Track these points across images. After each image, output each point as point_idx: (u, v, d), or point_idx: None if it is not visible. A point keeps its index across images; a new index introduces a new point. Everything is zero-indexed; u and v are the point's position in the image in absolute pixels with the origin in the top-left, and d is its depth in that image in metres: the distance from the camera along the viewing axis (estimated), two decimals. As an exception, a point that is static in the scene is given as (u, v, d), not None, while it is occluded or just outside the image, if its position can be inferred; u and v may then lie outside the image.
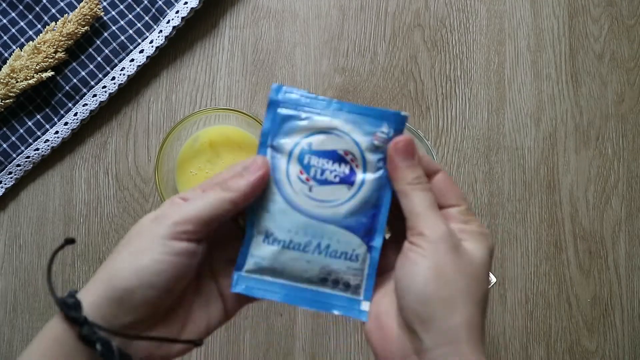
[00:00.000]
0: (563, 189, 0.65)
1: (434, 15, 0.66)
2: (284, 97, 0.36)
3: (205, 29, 0.66)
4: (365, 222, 0.35)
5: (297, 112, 0.35)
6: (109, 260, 0.33)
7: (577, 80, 0.66)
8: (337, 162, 0.35)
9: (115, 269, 0.32)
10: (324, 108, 0.35)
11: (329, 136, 0.35)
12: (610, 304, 0.64)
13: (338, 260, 0.35)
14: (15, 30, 0.65)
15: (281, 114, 0.36)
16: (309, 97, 0.35)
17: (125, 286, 0.31)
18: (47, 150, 0.65)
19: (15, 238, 0.65)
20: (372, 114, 0.35)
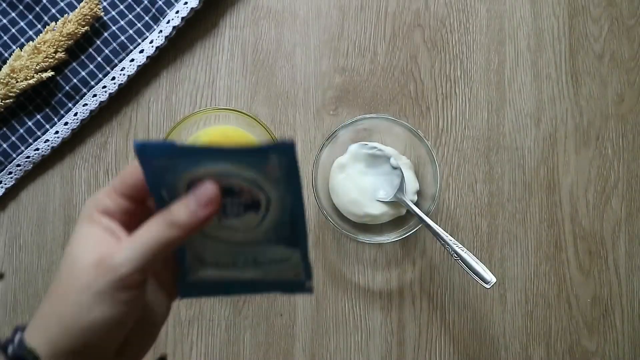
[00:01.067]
0: (563, 189, 0.65)
1: (434, 15, 0.66)
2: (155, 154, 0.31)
3: (205, 29, 0.66)
4: (285, 233, 0.34)
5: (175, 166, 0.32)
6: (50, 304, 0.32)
7: (577, 81, 0.66)
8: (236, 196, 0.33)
9: (65, 322, 0.31)
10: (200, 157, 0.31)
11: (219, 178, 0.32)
12: (610, 304, 0.64)
13: (269, 266, 0.35)
14: (15, 30, 0.65)
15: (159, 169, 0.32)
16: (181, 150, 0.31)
17: (83, 342, 0.31)
18: (47, 150, 0.65)
19: (15, 238, 0.65)
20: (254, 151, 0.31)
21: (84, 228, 0.33)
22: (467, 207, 0.65)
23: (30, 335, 0.31)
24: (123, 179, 0.33)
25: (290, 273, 0.36)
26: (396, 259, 0.64)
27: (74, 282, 0.31)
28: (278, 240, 0.35)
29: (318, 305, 0.64)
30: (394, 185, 0.61)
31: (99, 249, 0.31)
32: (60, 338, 0.31)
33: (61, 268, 0.32)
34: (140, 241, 0.31)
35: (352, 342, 0.64)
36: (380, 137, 0.64)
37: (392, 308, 0.64)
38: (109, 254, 0.31)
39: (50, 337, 0.31)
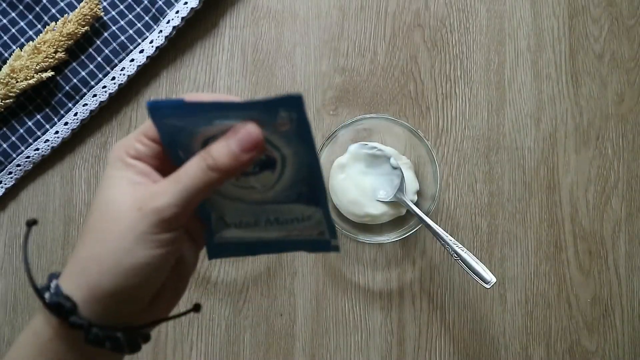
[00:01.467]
0: (563, 189, 0.65)
1: (434, 15, 0.66)
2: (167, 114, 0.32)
3: (205, 29, 0.66)
4: (304, 190, 0.34)
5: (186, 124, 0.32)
6: (87, 248, 0.31)
7: (577, 81, 0.66)
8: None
9: (107, 265, 0.30)
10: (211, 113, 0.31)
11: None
12: (610, 304, 0.64)
13: (292, 225, 0.35)
14: (15, 30, 0.65)
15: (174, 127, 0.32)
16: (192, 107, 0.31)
17: (124, 285, 0.30)
18: (47, 150, 0.65)
19: (15, 238, 0.65)
20: (263, 105, 0.30)
21: (117, 172, 0.32)
22: (467, 207, 0.65)
23: (66, 281, 0.31)
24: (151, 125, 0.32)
25: (314, 231, 0.35)
26: (396, 259, 0.64)
27: (114, 226, 0.30)
28: (298, 199, 0.34)
29: (318, 305, 0.64)
30: (394, 185, 0.61)
31: (137, 192, 0.31)
32: (99, 282, 0.30)
33: (94, 213, 0.31)
34: (181, 183, 0.30)
35: (352, 342, 0.64)
36: (380, 137, 0.64)
37: (392, 308, 0.64)
38: (149, 196, 0.30)
39: (88, 281, 0.30)
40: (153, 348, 0.64)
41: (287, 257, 0.64)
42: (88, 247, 0.31)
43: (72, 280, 0.31)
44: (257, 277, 0.64)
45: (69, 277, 0.31)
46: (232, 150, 0.30)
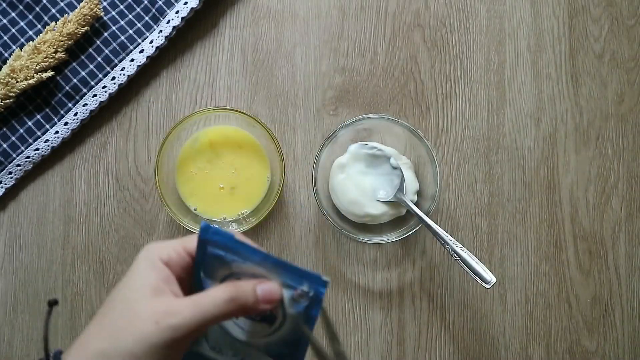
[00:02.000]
0: (563, 189, 0.65)
1: (434, 15, 0.66)
2: (213, 238, 0.36)
3: (205, 29, 0.66)
4: (285, 353, 0.37)
5: (224, 254, 0.36)
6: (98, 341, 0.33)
7: (577, 81, 0.66)
8: None
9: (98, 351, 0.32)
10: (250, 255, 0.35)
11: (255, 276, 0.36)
12: (610, 304, 0.64)
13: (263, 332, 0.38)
14: (15, 30, 0.65)
15: (210, 252, 0.36)
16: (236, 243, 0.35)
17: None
18: (47, 150, 0.65)
19: (15, 238, 0.65)
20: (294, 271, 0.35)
21: (144, 271, 0.34)
22: (467, 207, 0.65)
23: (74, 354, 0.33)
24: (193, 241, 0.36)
25: None
26: (396, 259, 0.64)
27: (128, 330, 0.32)
28: (277, 356, 0.37)
29: (318, 305, 0.64)
30: (394, 185, 0.61)
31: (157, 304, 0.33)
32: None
33: (116, 304, 0.34)
34: (201, 307, 0.33)
35: (352, 342, 0.64)
36: (380, 137, 0.64)
37: (392, 308, 0.64)
38: (169, 313, 0.33)
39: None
40: None
41: (287, 257, 0.64)
42: (99, 340, 0.33)
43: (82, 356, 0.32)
44: (257, 277, 0.64)
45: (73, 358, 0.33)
46: (257, 295, 0.34)
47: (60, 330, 0.64)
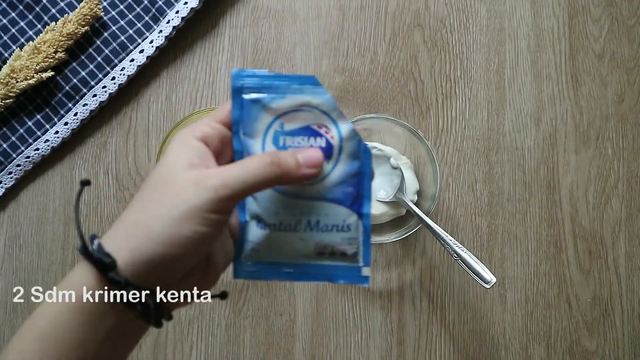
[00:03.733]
0: (563, 189, 0.65)
1: (434, 15, 0.66)
2: (247, 83, 0.35)
3: (205, 29, 0.66)
4: (351, 191, 0.35)
5: (262, 95, 0.35)
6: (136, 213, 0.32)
7: (577, 81, 0.66)
8: (312, 136, 0.35)
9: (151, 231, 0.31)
10: (287, 86, 0.34)
11: (298, 113, 0.35)
12: (610, 304, 0.64)
13: (331, 234, 0.35)
14: (15, 30, 0.65)
15: (247, 100, 0.35)
16: (270, 77, 0.34)
17: (164, 253, 0.31)
18: (47, 150, 0.65)
19: (15, 238, 0.65)
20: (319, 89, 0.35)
21: (178, 148, 0.33)
22: (467, 207, 0.65)
23: (108, 242, 0.32)
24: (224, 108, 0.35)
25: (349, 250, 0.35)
26: (396, 259, 0.64)
27: (169, 196, 0.31)
28: (342, 199, 0.35)
29: (318, 305, 0.64)
30: (394, 185, 0.61)
31: (195, 170, 0.32)
32: (143, 246, 0.31)
33: (150, 182, 0.33)
34: (244, 168, 0.32)
35: (352, 342, 0.64)
36: (380, 137, 0.64)
37: (392, 308, 0.64)
38: (210, 174, 0.32)
39: (132, 244, 0.31)
40: (153, 348, 0.64)
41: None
42: (137, 211, 0.32)
43: (114, 242, 0.32)
44: (257, 277, 0.64)
45: (111, 238, 0.32)
46: (297, 159, 0.33)
47: (60, 330, 0.64)
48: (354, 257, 0.36)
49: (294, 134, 0.35)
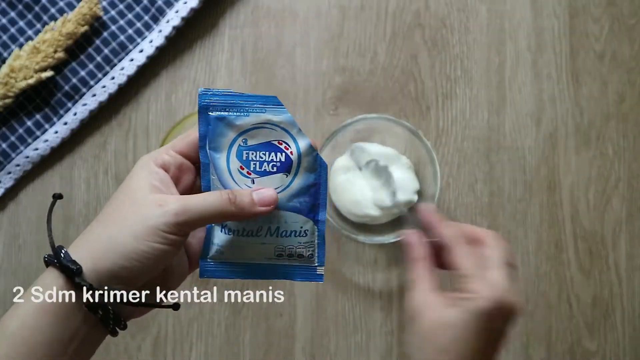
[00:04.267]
0: (564, 189, 0.65)
1: (434, 15, 0.66)
2: (213, 101, 0.38)
3: (205, 29, 0.66)
4: (307, 200, 0.39)
5: (227, 113, 0.38)
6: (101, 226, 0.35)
7: (577, 80, 0.66)
8: (272, 152, 0.38)
9: (114, 244, 0.34)
10: (251, 105, 0.37)
11: (260, 130, 0.38)
12: (610, 305, 0.64)
13: (289, 238, 0.39)
14: (15, 29, 0.64)
15: (212, 117, 0.38)
16: (234, 96, 0.37)
17: (124, 265, 0.34)
18: (47, 150, 0.64)
19: (14, 238, 0.65)
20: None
21: (141, 172, 0.37)
22: (467, 207, 0.64)
23: (74, 251, 0.35)
24: (185, 138, 0.38)
25: (306, 252, 0.40)
26: (396, 259, 0.64)
27: (133, 214, 0.35)
28: (299, 208, 0.39)
29: (318, 305, 0.64)
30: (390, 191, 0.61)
31: (158, 193, 0.36)
32: (104, 257, 0.34)
33: (116, 200, 0.36)
34: (203, 202, 0.36)
35: (352, 342, 0.64)
36: (380, 137, 0.64)
37: (392, 308, 0.64)
38: (173, 199, 0.35)
39: (95, 255, 0.34)
40: (153, 348, 0.64)
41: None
42: (102, 227, 0.36)
43: (78, 251, 0.35)
44: (257, 277, 0.64)
45: (76, 248, 0.35)
46: (252, 198, 0.37)
47: (59, 331, 0.64)
48: (310, 258, 0.40)
49: (256, 149, 0.38)
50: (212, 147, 0.38)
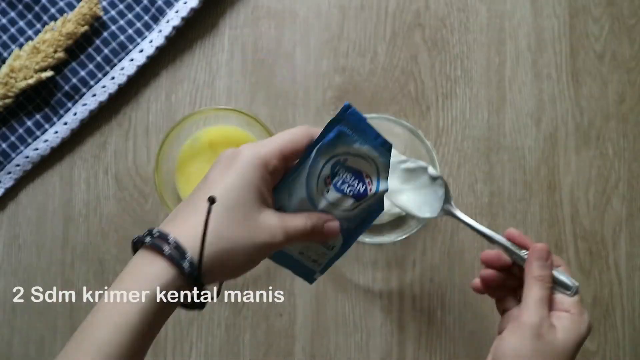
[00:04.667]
0: (564, 189, 0.65)
1: (434, 15, 0.66)
2: (349, 117, 0.40)
3: (205, 29, 0.66)
4: (351, 227, 0.43)
5: (351, 133, 0.40)
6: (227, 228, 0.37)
7: (577, 80, 0.66)
8: (358, 181, 0.42)
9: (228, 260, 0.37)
10: (373, 140, 0.41)
11: (362, 160, 0.41)
12: (611, 305, 0.64)
13: (318, 245, 0.43)
14: (15, 29, 0.64)
15: (340, 130, 0.40)
16: (366, 125, 0.40)
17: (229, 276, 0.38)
18: (47, 150, 0.64)
19: (14, 238, 0.65)
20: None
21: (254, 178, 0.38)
22: (468, 207, 0.64)
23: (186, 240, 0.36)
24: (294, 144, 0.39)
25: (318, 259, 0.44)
26: (396, 260, 0.64)
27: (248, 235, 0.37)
28: (343, 229, 0.42)
29: (318, 305, 0.64)
30: (438, 197, 0.54)
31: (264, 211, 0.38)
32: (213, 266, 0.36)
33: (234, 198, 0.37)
34: (292, 223, 0.39)
35: (352, 342, 0.64)
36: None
37: (392, 308, 0.64)
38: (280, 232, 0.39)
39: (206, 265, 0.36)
40: (153, 348, 0.64)
41: (287, 257, 0.64)
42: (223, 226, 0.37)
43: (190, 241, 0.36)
44: (256, 277, 0.64)
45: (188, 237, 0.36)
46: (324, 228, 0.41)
47: (59, 330, 0.64)
48: (319, 266, 0.44)
49: (349, 171, 0.41)
50: (321, 152, 0.40)
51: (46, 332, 0.64)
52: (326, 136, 0.40)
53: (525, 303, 0.44)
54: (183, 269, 0.35)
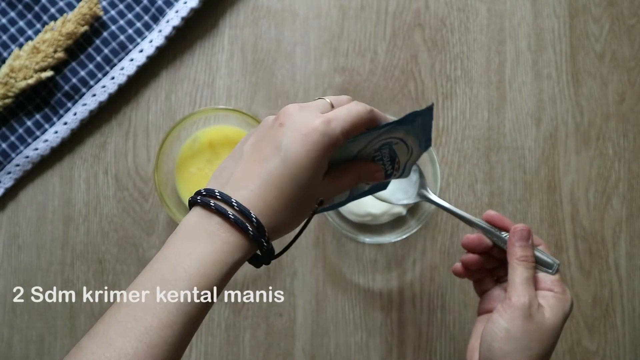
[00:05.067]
0: (564, 189, 0.65)
1: (434, 15, 0.66)
2: (426, 115, 0.44)
3: (205, 29, 0.66)
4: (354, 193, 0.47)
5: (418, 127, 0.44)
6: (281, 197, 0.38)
7: (577, 80, 0.66)
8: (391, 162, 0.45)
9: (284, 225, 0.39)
10: (426, 139, 0.45)
11: (405, 149, 0.45)
12: (611, 304, 0.64)
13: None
14: (14, 29, 0.64)
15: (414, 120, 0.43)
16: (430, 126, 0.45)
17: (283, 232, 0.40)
18: (47, 150, 0.64)
19: (14, 238, 0.65)
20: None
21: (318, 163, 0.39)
22: (468, 207, 0.64)
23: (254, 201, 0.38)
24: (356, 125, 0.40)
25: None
26: (396, 259, 0.64)
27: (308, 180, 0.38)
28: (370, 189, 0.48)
29: (318, 305, 0.64)
30: (412, 182, 0.54)
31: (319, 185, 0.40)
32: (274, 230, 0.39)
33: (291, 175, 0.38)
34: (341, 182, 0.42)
35: (352, 342, 0.64)
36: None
37: (392, 308, 0.64)
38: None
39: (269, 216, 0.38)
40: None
41: (287, 257, 0.64)
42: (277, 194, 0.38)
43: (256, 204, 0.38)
44: (256, 277, 0.64)
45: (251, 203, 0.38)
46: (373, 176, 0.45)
47: (59, 330, 0.64)
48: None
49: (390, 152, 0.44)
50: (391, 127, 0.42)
51: (46, 332, 0.64)
52: (406, 119, 0.42)
53: (513, 284, 0.44)
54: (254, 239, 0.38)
